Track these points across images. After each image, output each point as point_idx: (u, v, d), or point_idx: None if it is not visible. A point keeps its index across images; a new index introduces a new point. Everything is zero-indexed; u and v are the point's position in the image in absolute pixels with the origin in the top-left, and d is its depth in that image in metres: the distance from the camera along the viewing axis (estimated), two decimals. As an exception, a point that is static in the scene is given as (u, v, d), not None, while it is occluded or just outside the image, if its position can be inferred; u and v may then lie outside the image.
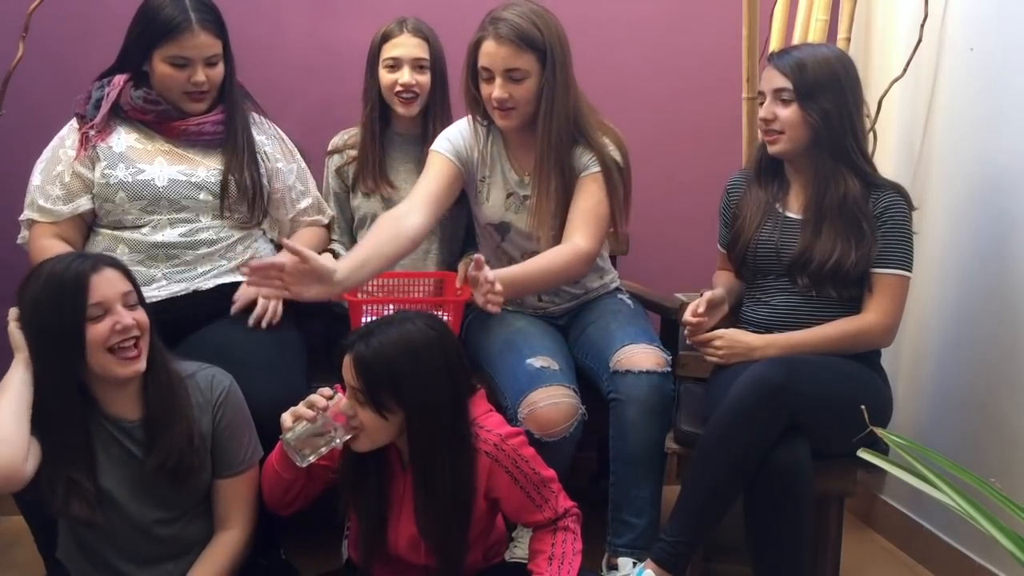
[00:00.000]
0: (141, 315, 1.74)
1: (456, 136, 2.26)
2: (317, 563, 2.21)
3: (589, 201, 2.18)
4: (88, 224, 2.22)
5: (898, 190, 2.09)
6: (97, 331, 1.68)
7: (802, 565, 1.95)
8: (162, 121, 2.21)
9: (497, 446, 1.81)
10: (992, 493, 1.22)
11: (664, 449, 2.16)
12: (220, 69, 2.21)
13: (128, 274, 1.76)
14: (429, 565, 1.83)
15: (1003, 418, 2.18)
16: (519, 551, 2.14)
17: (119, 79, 2.21)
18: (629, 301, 2.41)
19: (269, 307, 2.15)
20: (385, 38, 2.39)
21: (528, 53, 2.11)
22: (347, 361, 1.72)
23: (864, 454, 1.38)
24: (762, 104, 2.12)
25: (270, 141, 2.33)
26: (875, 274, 2.06)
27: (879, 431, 1.36)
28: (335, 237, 2.47)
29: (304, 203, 2.37)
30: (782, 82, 2.05)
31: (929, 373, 2.46)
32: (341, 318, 2.45)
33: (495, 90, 2.14)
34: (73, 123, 2.22)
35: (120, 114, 2.21)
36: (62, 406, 1.71)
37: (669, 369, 2.14)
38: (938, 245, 2.39)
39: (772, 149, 2.12)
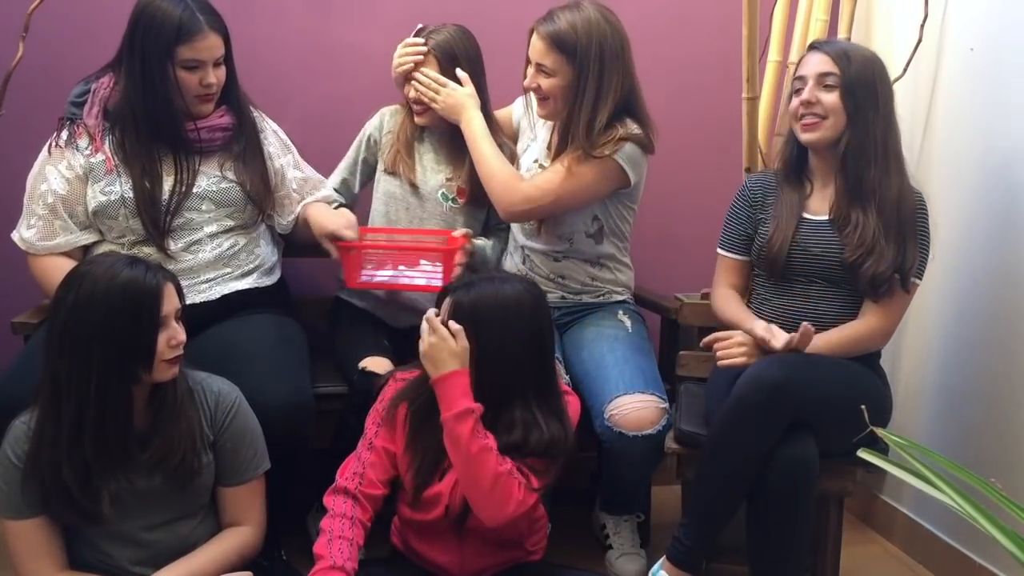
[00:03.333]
0: (183, 331, 1.80)
1: (514, 107, 2.55)
2: (317, 563, 2.20)
3: (575, 177, 2.24)
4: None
5: (922, 198, 2.09)
6: (159, 343, 1.73)
7: (801, 562, 1.95)
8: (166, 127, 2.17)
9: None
10: (992, 493, 1.22)
11: (653, 472, 2.27)
12: (223, 70, 2.20)
13: (179, 288, 1.81)
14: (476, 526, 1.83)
15: (1003, 418, 2.18)
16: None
17: (107, 80, 2.18)
18: (628, 321, 2.39)
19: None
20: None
21: (557, 55, 2.22)
22: (445, 303, 1.85)
23: (864, 454, 1.38)
24: (797, 91, 2.09)
25: (269, 138, 2.34)
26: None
27: (879, 431, 1.36)
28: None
29: (307, 188, 2.37)
30: (829, 67, 2.04)
31: (929, 373, 2.46)
32: (339, 319, 2.45)
33: (527, 77, 2.31)
34: (50, 147, 2.19)
35: (107, 116, 2.18)
36: (118, 411, 1.71)
37: (666, 419, 2.14)
38: (938, 245, 2.38)
39: (809, 136, 2.08)
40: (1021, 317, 2.14)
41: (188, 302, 2.11)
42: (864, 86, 2.03)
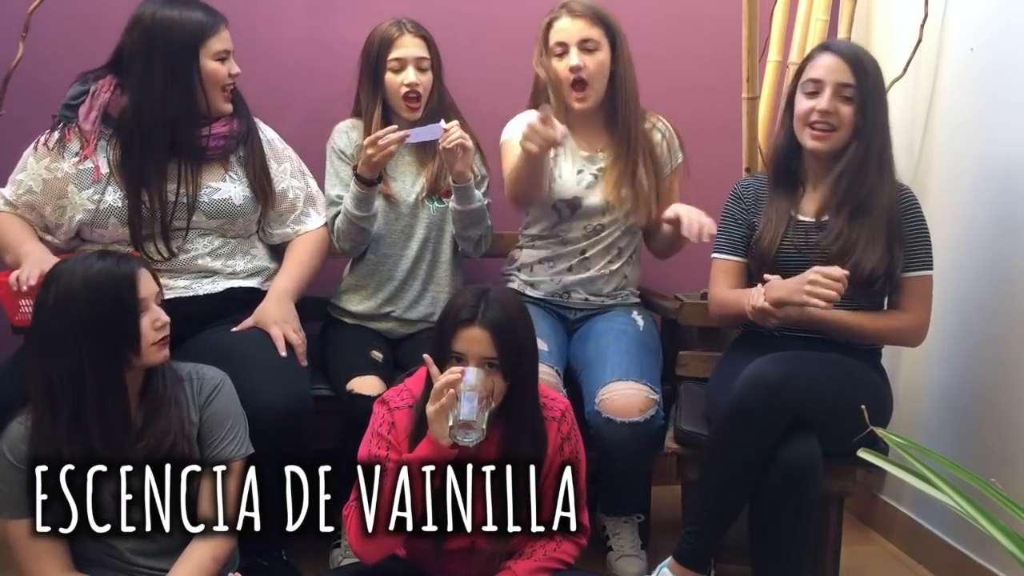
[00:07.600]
0: (165, 314, 1.81)
1: (522, 122, 2.34)
2: (317, 564, 2.21)
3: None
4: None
5: (909, 191, 2.12)
6: (143, 325, 1.75)
7: (804, 562, 1.95)
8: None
9: (564, 412, 1.85)
10: (992, 493, 1.22)
11: (648, 468, 2.27)
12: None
13: (154, 273, 1.84)
14: (475, 546, 1.80)
15: (1003, 418, 2.18)
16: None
17: (107, 83, 2.13)
18: (641, 321, 2.40)
19: (294, 338, 2.13)
20: (386, 41, 2.35)
21: (600, 27, 2.27)
22: (477, 334, 1.69)
23: (864, 454, 1.38)
24: (810, 93, 2.05)
25: (264, 147, 2.29)
26: (907, 277, 2.07)
27: (879, 431, 1.36)
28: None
29: (302, 205, 2.35)
30: (848, 78, 2.02)
31: (929, 372, 2.46)
32: (329, 337, 2.43)
33: (571, 60, 2.25)
34: (37, 144, 2.16)
35: (108, 122, 2.14)
36: (115, 398, 1.73)
37: (655, 410, 2.12)
38: (938, 245, 2.38)
39: (820, 145, 2.05)
40: (1021, 316, 2.14)
41: (191, 294, 2.13)
42: (876, 100, 2.04)
